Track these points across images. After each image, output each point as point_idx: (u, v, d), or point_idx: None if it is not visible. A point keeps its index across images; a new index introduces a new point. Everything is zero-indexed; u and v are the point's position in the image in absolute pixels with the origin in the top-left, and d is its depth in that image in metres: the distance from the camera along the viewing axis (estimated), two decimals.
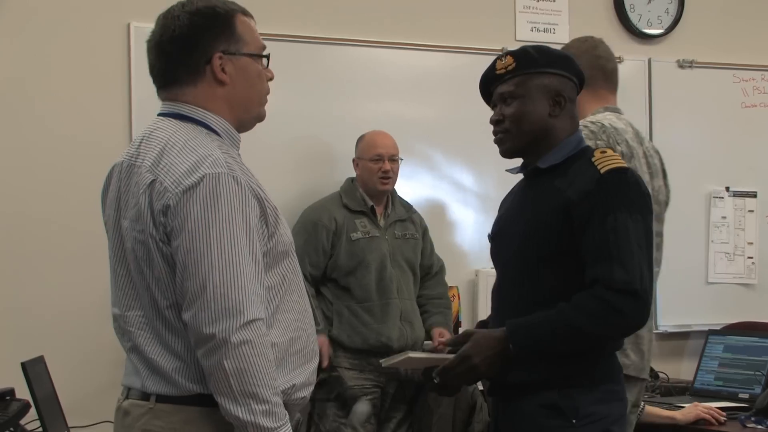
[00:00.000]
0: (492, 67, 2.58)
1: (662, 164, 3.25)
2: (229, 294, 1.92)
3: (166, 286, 2.00)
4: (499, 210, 2.76)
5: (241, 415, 1.93)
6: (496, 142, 2.58)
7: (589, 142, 2.87)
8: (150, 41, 2.14)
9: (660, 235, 3.12)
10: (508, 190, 2.77)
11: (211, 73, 2.10)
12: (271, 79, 2.20)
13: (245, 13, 2.18)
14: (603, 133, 2.99)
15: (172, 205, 1.96)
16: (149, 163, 2.03)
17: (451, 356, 2.45)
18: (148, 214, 1.99)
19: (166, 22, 2.11)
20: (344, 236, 4.07)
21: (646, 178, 3.07)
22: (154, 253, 2.00)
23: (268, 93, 2.21)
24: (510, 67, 2.53)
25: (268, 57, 2.18)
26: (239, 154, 2.16)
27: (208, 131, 2.09)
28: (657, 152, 3.24)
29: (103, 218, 2.19)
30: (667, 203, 3.26)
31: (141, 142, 2.10)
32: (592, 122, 3.04)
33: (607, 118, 3.07)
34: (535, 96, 2.51)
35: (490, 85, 2.61)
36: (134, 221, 2.03)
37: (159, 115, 2.15)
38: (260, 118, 2.21)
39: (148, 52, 2.15)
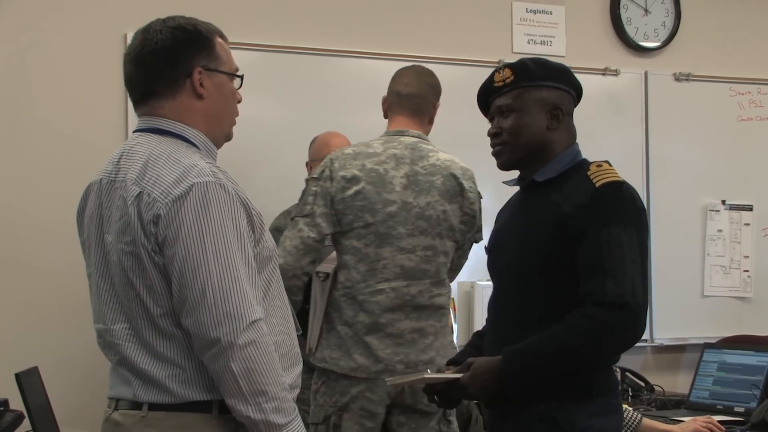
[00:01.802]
0: (490, 80, 2.59)
1: (447, 184, 3.32)
2: (230, 298, 1.97)
3: (160, 294, 2.03)
4: (495, 222, 2.76)
5: (252, 414, 1.98)
6: (494, 154, 2.59)
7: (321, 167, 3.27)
8: (129, 54, 2.18)
9: (432, 248, 3.27)
10: (504, 203, 2.78)
11: (190, 86, 2.14)
12: (239, 101, 2.26)
13: (221, 35, 2.23)
14: (334, 160, 3.27)
15: (162, 214, 1.99)
16: (134, 176, 2.06)
17: (459, 375, 2.46)
18: (138, 225, 2.02)
19: (147, 36, 2.16)
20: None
21: (408, 196, 3.24)
22: (147, 262, 2.02)
23: (237, 115, 2.27)
24: (508, 80, 2.53)
25: (242, 78, 2.24)
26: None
27: (187, 144, 2.13)
28: (442, 171, 3.32)
29: (80, 238, 2.22)
30: (441, 220, 3.29)
31: (120, 159, 2.13)
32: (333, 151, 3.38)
33: (366, 143, 3.31)
34: (533, 109, 2.51)
35: (488, 97, 2.61)
36: (120, 234, 2.05)
37: (135, 131, 2.19)
38: (229, 137, 2.27)
39: (125, 65, 2.19)
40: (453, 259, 3.37)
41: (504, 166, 2.59)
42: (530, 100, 2.51)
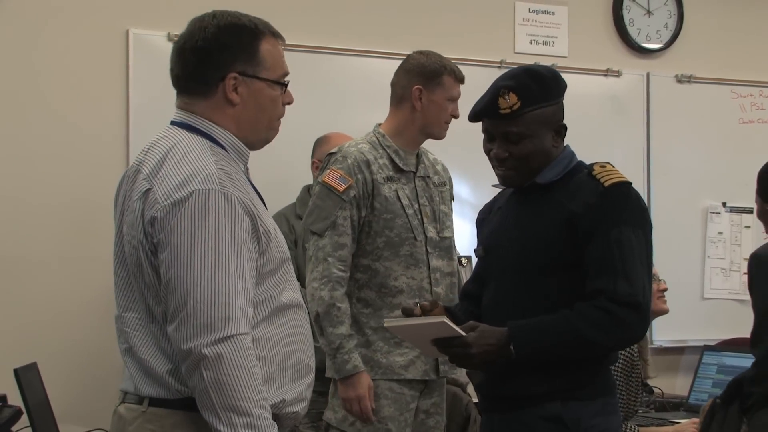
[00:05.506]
0: (494, 105, 2.50)
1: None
2: (208, 311, 1.93)
3: (157, 292, 2.03)
4: (480, 226, 2.76)
5: (222, 429, 1.93)
6: (500, 176, 2.56)
7: None
8: (176, 44, 2.15)
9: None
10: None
11: (222, 91, 2.10)
12: (289, 103, 2.20)
13: (275, 35, 2.17)
14: None
15: (159, 217, 1.98)
16: (148, 171, 2.05)
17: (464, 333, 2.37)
18: (140, 222, 2.02)
19: (194, 30, 2.11)
20: (302, 249, 3.69)
21: None
22: (144, 261, 2.02)
23: (281, 116, 2.20)
24: (515, 107, 2.47)
25: (286, 85, 2.17)
26: (247, 168, 2.17)
27: (212, 144, 2.09)
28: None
29: (114, 222, 2.21)
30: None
31: (149, 149, 2.11)
32: None
33: None
34: (540, 132, 2.49)
35: (487, 117, 2.55)
36: (130, 227, 2.06)
37: (171, 123, 2.16)
38: (268, 140, 2.22)
39: (171, 53, 2.15)
40: None
41: (510, 185, 2.60)
42: (537, 124, 2.48)
